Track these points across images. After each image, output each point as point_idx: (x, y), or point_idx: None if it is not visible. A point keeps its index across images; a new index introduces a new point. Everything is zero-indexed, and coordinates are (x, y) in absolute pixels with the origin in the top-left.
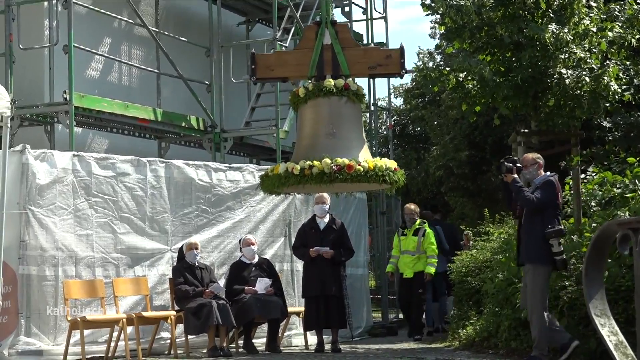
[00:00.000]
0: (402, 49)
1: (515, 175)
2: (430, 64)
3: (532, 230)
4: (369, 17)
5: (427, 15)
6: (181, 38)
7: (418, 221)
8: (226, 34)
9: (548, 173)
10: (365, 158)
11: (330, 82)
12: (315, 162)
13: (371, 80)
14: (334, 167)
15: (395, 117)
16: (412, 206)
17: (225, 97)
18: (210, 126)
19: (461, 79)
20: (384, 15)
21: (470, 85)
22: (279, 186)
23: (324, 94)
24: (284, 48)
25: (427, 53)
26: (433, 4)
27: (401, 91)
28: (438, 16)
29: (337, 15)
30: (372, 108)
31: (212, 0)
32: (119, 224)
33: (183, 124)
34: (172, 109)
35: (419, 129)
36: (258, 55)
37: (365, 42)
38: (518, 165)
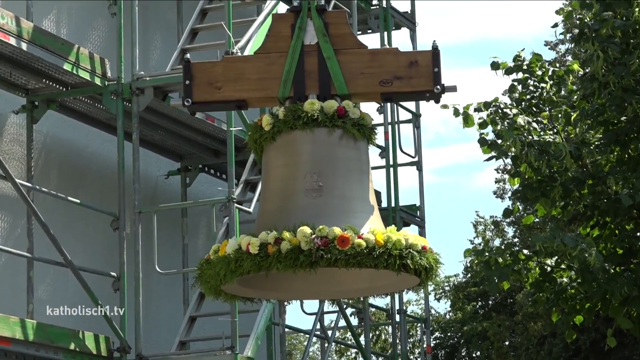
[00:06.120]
0: (435, 51)
1: None
2: (497, 243)
3: None
4: (393, 164)
5: (488, 159)
6: (71, 198)
7: None
8: (148, 190)
9: None
10: (371, 228)
11: (313, 104)
12: (286, 234)
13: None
14: (316, 241)
15: (437, 334)
16: None
17: (145, 298)
18: (118, 349)
19: (549, 269)
20: (415, 158)
21: (565, 279)
22: (226, 277)
23: (303, 124)
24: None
25: (491, 224)
26: (499, 141)
27: (447, 288)
28: (508, 161)
29: None
30: (398, 317)
31: (123, 136)
32: None
33: (72, 347)
34: (53, 320)
35: (478, 353)
36: (197, 65)
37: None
38: None
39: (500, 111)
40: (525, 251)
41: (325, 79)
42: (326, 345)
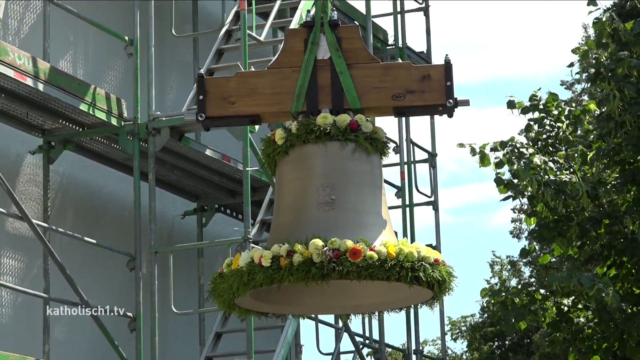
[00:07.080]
0: (448, 65)
1: None
2: (513, 283)
3: None
4: (409, 204)
5: (505, 199)
6: (87, 239)
7: None
8: (164, 230)
9: None
10: (383, 241)
11: (326, 118)
12: (298, 246)
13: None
14: (328, 253)
15: None
16: None
17: (161, 338)
18: None
19: (566, 309)
20: (432, 198)
21: (582, 319)
22: (239, 290)
23: (316, 137)
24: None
25: (507, 263)
26: (515, 180)
27: (464, 328)
28: (524, 201)
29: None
30: (414, 357)
31: (139, 176)
32: None
33: None
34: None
35: None
36: (210, 80)
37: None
38: None
39: (516, 151)
40: (541, 291)
41: (338, 93)
42: None
